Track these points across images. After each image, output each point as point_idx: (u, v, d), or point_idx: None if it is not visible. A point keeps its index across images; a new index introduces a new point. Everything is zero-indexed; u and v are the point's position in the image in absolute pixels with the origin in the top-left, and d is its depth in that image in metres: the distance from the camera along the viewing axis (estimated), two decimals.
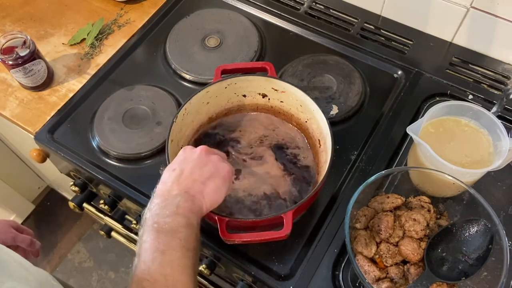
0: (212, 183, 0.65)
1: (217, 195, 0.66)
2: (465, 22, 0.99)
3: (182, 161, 0.67)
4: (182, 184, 0.64)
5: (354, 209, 0.75)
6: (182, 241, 0.58)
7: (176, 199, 0.62)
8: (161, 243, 0.57)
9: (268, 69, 0.85)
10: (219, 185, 0.66)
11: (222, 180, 0.66)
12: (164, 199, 0.62)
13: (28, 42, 0.96)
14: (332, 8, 1.13)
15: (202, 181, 0.65)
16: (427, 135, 0.81)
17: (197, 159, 0.67)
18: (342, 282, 0.78)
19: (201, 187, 0.64)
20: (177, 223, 0.59)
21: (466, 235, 0.72)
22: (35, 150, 1.02)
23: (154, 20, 1.13)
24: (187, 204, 0.62)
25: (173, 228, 0.58)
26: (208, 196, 0.65)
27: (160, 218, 0.59)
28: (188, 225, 0.60)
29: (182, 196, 0.62)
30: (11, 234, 0.82)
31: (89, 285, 1.74)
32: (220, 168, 0.67)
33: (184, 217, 0.60)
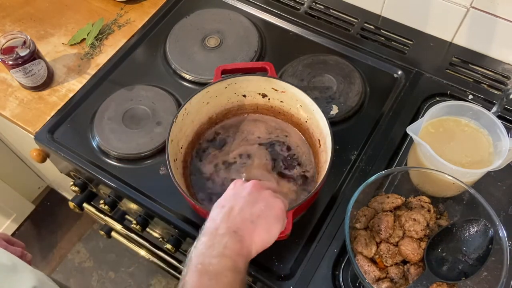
0: (263, 222, 0.61)
1: (268, 235, 0.61)
2: (465, 22, 0.99)
3: (232, 197, 0.64)
4: (232, 223, 0.60)
5: (354, 209, 0.75)
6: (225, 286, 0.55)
7: (224, 239, 0.58)
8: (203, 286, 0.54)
9: (268, 69, 0.85)
10: (271, 224, 0.62)
11: (274, 219, 0.62)
12: (211, 238, 0.58)
13: (28, 42, 0.96)
14: (332, 8, 1.13)
15: (252, 220, 0.60)
16: (427, 135, 0.81)
17: (248, 196, 0.63)
18: (342, 282, 0.78)
19: (251, 228, 0.60)
20: (223, 266, 0.55)
21: (466, 235, 0.72)
22: (35, 150, 1.02)
23: (154, 20, 1.13)
24: (236, 246, 0.58)
25: (218, 271, 0.55)
26: (259, 237, 0.60)
27: (206, 259, 0.56)
28: (235, 269, 0.56)
29: (230, 236, 0.58)
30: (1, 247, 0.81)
31: (89, 285, 1.74)
32: (272, 205, 0.63)
33: (231, 260, 0.56)
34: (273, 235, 0.62)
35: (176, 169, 0.78)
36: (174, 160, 0.80)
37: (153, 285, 1.72)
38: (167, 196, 0.87)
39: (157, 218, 0.89)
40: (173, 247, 0.94)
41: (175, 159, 0.80)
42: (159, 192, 0.88)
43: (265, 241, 0.61)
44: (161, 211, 0.86)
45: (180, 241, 0.95)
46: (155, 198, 0.88)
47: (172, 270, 1.04)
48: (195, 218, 0.85)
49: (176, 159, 0.81)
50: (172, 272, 1.04)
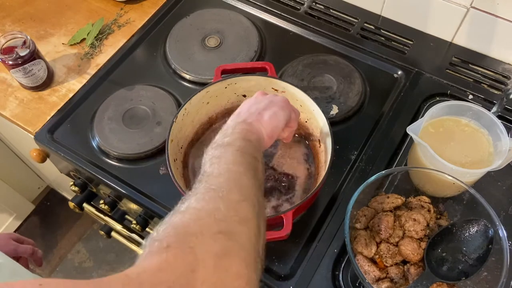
0: (269, 111, 0.67)
1: (275, 120, 0.67)
2: (465, 22, 0.99)
3: (241, 106, 0.70)
4: (240, 118, 0.66)
5: (354, 209, 0.75)
6: (238, 147, 0.58)
7: (232, 127, 0.63)
8: (218, 152, 0.58)
9: (268, 69, 0.85)
10: (276, 112, 0.68)
11: (279, 107, 0.68)
12: (222, 131, 0.64)
13: (28, 42, 0.96)
14: (332, 8, 1.13)
15: (258, 112, 0.67)
16: (427, 135, 0.81)
17: (253, 100, 0.70)
18: (342, 282, 0.79)
19: (258, 116, 0.66)
20: (234, 138, 0.60)
21: (466, 235, 0.72)
22: (35, 150, 1.02)
23: (154, 20, 1.13)
24: (245, 126, 0.64)
25: (230, 142, 0.59)
26: (267, 122, 0.66)
27: (218, 140, 0.61)
28: (245, 139, 0.61)
29: (238, 123, 0.64)
30: (12, 246, 0.83)
31: None
32: (275, 100, 0.70)
33: (241, 134, 0.61)
34: (280, 119, 0.68)
35: (176, 169, 0.78)
36: (174, 160, 0.80)
37: None
38: (167, 196, 0.87)
39: (157, 218, 0.89)
40: None
41: (175, 159, 0.80)
42: (159, 192, 0.88)
43: (274, 125, 0.67)
44: (161, 211, 0.86)
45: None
46: (155, 198, 0.88)
47: None
48: None
49: (176, 159, 0.81)
50: None
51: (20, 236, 0.88)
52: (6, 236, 0.85)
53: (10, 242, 0.84)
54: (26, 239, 0.89)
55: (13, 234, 0.87)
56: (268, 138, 0.66)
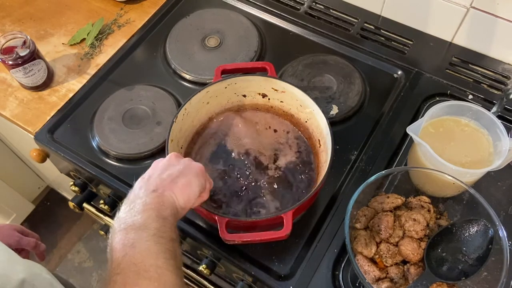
0: (182, 179, 0.62)
1: (188, 189, 0.62)
2: (465, 22, 0.99)
3: (152, 168, 0.65)
4: (150, 185, 0.60)
5: (354, 209, 0.75)
6: (153, 231, 0.54)
7: (142, 199, 0.58)
8: (131, 238, 0.53)
9: (268, 69, 0.85)
10: (190, 180, 0.63)
11: (193, 175, 0.63)
12: (130, 203, 0.58)
13: (28, 42, 0.96)
14: (332, 8, 1.13)
15: (171, 179, 0.62)
16: (427, 135, 0.81)
17: (166, 163, 0.65)
18: (342, 282, 0.79)
19: (171, 184, 0.61)
20: (146, 217, 0.55)
21: (466, 235, 0.72)
22: (35, 150, 1.02)
23: (154, 20, 1.13)
24: (156, 200, 0.58)
25: (142, 224, 0.54)
26: (180, 192, 0.61)
27: (128, 219, 0.55)
28: (159, 217, 0.56)
29: (148, 196, 0.59)
30: (15, 238, 0.83)
31: (89, 285, 1.73)
32: (190, 166, 0.65)
33: (154, 211, 0.56)
34: (194, 189, 0.63)
35: None
36: None
37: None
38: None
39: None
40: None
41: None
42: None
43: (187, 194, 0.62)
44: None
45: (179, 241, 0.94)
46: None
47: None
48: (195, 218, 0.85)
49: None
50: None
51: (24, 228, 0.88)
52: (11, 227, 0.85)
53: (14, 234, 0.83)
54: (30, 232, 0.89)
55: (18, 226, 0.87)
56: (182, 209, 0.61)
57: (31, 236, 0.87)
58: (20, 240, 0.83)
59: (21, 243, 0.83)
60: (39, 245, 0.87)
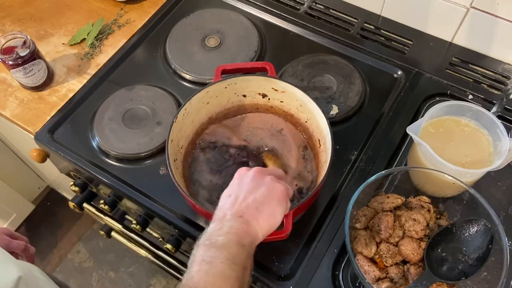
0: (267, 207, 0.64)
1: (272, 218, 0.65)
2: (465, 22, 0.99)
3: (236, 186, 0.67)
4: (237, 209, 0.63)
5: (354, 209, 0.75)
6: (229, 255, 0.58)
7: (230, 223, 0.62)
8: (209, 255, 0.57)
9: (268, 69, 0.85)
10: (275, 208, 0.65)
11: (277, 203, 0.65)
12: (219, 223, 0.62)
13: (28, 42, 0.96)
14: (332, 8, 1.13)
15: (256, 206, 0.64)
16: (427, 135, 0.81)
17: (251, 183, 0.66)
18: (342, 282, 0.79)
19: (256, 213, 0.63)
20: (229, 240, 0.59)
21: (466, 235, 0.72)
22: (35, 150, 1.02)
23: (154, 20, 1.13)
24: (242, 226, 0.62)
25: (224, 244, 0.59)
26: (264, 221, 0.64)
27: (213, 237, 0.60)
28: (239, 243, 0.60)
29: (236, 220, 0.62)
30: (5, 241, 0.83)
31: (89, 285, 1.74)
32: (274, 190, 0.66)
33: (237, 236, 0.60)
34: (277, 218, 0.65)
35: (176, 169, 0.78)
36: (174, 160, 0.80)
37: (153, 285, 1.72)
38: (167, 196, 0.87)
39: (157, 218, 0.89)
40: (173, 247, 0.94)
41: (175, 159, 0.80)
42: (159, 192, 0.88)
43: (271, 224, 0.65)
44: (161, 211, 0.86)
45: (180, 241, 0.95)
46: (155, 198, 0.88)
47: (172, 270, 1.04)
48: (195, 218, 0.85)
49: (176, 159, 0.81)
50: (172, 272, 1.04)
51: (13, 232, 0.88)
52: None
53: (2, 237, 0.83)
54: (20, 236, 0.88)
55: (6, 229, 0.86)
56: (262, 237, 0.65)
57: (20, 239, 0.87)
58: (9, 244, 0.83)
59: (10, 246, 0.83)
60: (29, 248, 0.87)
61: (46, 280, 0.61)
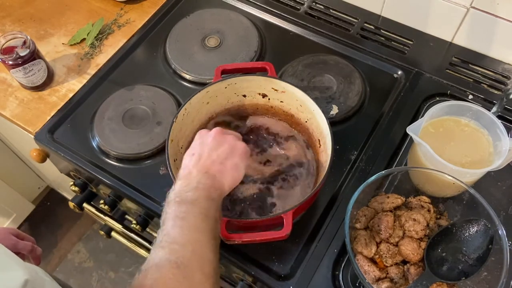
0: (230, 161, 0.68)
1: (236, 172, 0.69)
2: (465, 22, 0.99)
3: (199, 145, 0.71)
4: (202, 166, 0.67)
5: (354, 209, 0.75)
6: (201, 209, 0.61)
7: (196, 178, 0.65)
8: (182, 211, 0.60)
9: (268, 69, 0.85)
10: (237, 163, 0.69)
11: (239, 158, 0.70)
12: (185, 180, 0.66)
13: (28, 42, 0.96)
14: (332, 8, 1.13)
15: (220, 161, 0.68)
16: (427, 135, 0.81)
17: (213, 141, 0.70)
18: (342, 282, 0.79)
19: (220, 167, 0.67)
20: (198, 195, 0.63)
21: (466, 235, 0.72)
22: (35, 150, 1.02)
23: (154, 20, 1.13)
24: (208, 181, 0.65)
25: (194, 199, 0.62)
26: (228, 174, 0.68)
27: (182, 193, 0.63)
28: (208, 197, 0.63)
29: (202, 176, 0.66)
30: (11, 241, 0.82)
31: (89, 285, 1.73)
32: (236, 146, 0.70)
33: (205, 191, 0.64)
34: (240, 172, 0.70)
35: (176, 169, 0.78)
36: (174, 160, 0.80)
37: None
38: None
39: (157, 218, 0.89)
40: None
41: (175, 159, 0.80)
42: (159, 192, 0.88)
43: (234, 178, 0.69)
44: (161, 211, 0.86)
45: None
46: (155, 198, 0.88)
47: None
48: None
49: (176, 159, 0.81)
50: None
51: (20, 232, 0.87)
52: (6, 231, 0.84)
53: (9, 237, 0.83)
54: (26, 236, 0.88)
55: (14, 229, 0.86)
56: (229, 189, 0.68)
57: (27, 239, 0.87)
58: (16, 244, 0.83)
59: (17, 246, 0.83)
60: (35, 249, 0.86)
61: (51, 282, 0.61)
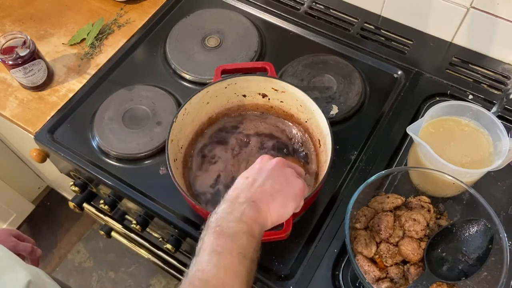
0: (281, 197, 0.63)
1: (284, 209, 0.63)
2: (465, 22, 0.99)
3: (256, 170, 0.66)
4: (252, 193, 0.62)
5: (354, 209, 0.75)
6: (240, 247, 0.57)
7: (242, 207, 0.60)
8: (220, 245, 0.56)
9: (268, 69, 0.85)
10: (288, 200, 0.64)
11: (292, 196, 0.64)
12: (230, 205, 0.61)
13: (28, 42, 0.96)
14: (332, 8, 1.13)
15: (271, 193, 0.63)
16: (427, 135, 0.81)
17: (271, 170, 0.65)
18: (342, 282, 0.79)
19: (269, 200, 0.62)
20: (239, 229, 0.58)
21: (466, 235, 0.72)
22: (35, 150, 1.02)
23: (154, 20, 1.13)
24: (252, 213, 0.60)
25: (234, 233, 0.58)
26: (275, 210, 0.62)
27: (224, 222, 0.59)
28: (250, 234, 0.59)
29: (248, 205, 0.61)
30: (11, 243, 0.82)
31: (89, 285, 1.74)
32: (292, 183, 0.65)
33: (247, 225, 0.59)
34: (288, 211, 0.64)
35: (176, 169, 0.78)
36: (174, 160, 0.80)
37: (153, 285, 1.72)
38: (167, 196, 0.87)
39: (157, 218, 0.89)
40: (173, 247, 0.94)
41: (175, 159, 0.80)
42: (159, 192, 0.88)
43: (281, 215, 0.63)
44: (161, 211, 0.86)
45: (180, 241, 0.95)
46: (155, 198, 0.88)
47: (172, 270, 1.04)
48: (195, 218, 0.85)
49: (176, 159, 0.81)
50: (172, 272, 1.04)
51: (20, 233, 0.88)
52: (7, 232, 0.84)
53: (10, 239, 0.83)
54: (26, 237, 0.88)
55: (14, 231, 0.86)
56: (271, 225, 0.63)
57: (27, 241, 0.87)
58: (16, 246, 0.83)
59: (17, 248, 0.83)
60: (35, 250, 0.86)
61: (53, 284, 0.61)
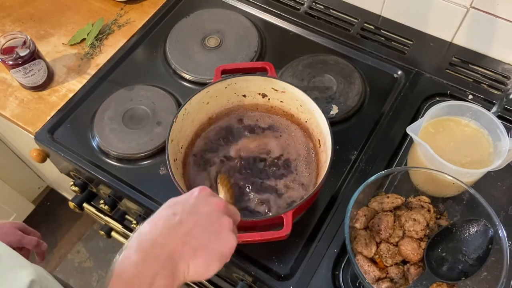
0: (205, 255, 0.54)
1: (205, 271, 0.55)
2: (465, 22, 0.99)
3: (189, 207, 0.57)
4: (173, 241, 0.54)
5: (354, 209, 0.75)
6: None
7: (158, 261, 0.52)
8: None
9: (268, 69, 0.85)
10: (213, 261, 0.55)
11: (218, 256, 0.55)
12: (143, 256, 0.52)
13: (28, 42, 0.96)
14: (332, 8, 1.13)
15: (195, 248, 0.54)
16: (427, 135, 0.81)
17: (206, 215, 0.56)
18: (342, 282, 0.79)
19: (191, 256, 0.54)
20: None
21: (466, 235, 0.72)
22: (35, 150, 1.02)
23: (154, 20, 1.13)
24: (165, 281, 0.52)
25: None
26: (195, 270, 0.54)
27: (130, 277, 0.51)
28: None
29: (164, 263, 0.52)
30: (17, 236, 0.82)
31: (89, 285, 1.74)
32: (223, 238, 0.56)
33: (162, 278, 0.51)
34: (210, 273, 0.56)
35: (176, 169, 0.78)
36: (174, 160, 0.80)
37: None
38: (167, 196, 0.86)
39: None
40: None
41: (175, 159, 0.80)
42: (159, 192, 0.88)
43: (199, 275, 0.55)
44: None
45: None
46: (155, 198, 0.88)
47: None
48: None
49: (176, 159, 0.81)
50: None
51: (26, 226, 0.87)
52: (12, 225, 0.84)
53: (16, 232, 0.82)
54: (32, 231, 0.88)
55: (20, 224, 0.86)
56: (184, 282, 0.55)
57: (32, 234, 0.87)
58: (21, 239, 0.82)
59: (22, 241, 0.83)
60: (41, 244, 0.86)
61: (55, 282, 0.61)
